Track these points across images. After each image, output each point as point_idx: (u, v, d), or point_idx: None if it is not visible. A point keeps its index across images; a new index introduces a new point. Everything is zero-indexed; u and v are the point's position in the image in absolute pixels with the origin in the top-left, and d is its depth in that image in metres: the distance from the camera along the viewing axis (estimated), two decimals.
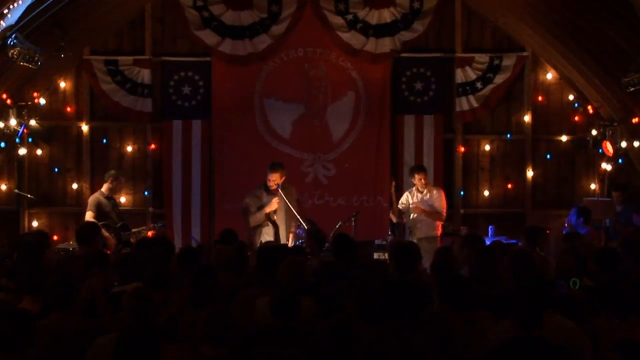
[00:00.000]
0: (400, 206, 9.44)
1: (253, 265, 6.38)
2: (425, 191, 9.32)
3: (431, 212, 9.22)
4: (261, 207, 8.45)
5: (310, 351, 4.20)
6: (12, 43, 8.22)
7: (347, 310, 4.77)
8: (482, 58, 10.75)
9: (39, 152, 10.89)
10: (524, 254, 5.76)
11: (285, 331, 4.46)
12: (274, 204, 8.38)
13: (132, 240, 9.13)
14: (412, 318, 4.53)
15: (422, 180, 9.29)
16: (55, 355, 4.47)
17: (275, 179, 8.40)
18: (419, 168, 9.57)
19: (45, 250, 7.09)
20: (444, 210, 9.34)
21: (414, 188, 9.44)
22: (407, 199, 9.43)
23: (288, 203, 8.41)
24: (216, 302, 4.53)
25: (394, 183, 9.75)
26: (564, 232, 8.34)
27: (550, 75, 10.91)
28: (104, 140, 10.99)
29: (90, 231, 7.32)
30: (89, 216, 9.16)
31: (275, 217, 8.46)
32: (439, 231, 9.31)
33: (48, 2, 8.50)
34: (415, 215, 9.25)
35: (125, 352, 3.77)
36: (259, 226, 8.50)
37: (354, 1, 10.66)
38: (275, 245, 7.18)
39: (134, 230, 9.42)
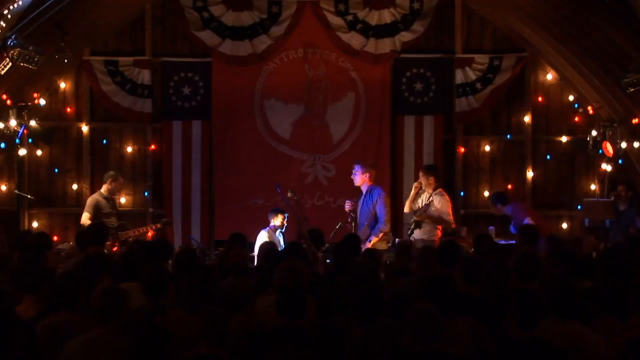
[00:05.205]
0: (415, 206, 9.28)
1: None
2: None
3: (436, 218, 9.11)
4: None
5: (311, 351, 4.19)
6: (12, 44, 8.23)
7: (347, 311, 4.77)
8: (482, 59, 10.73)
9: (39, 152, 10.90)
10: (529, 255, 5.72)
11: (292, 332, 4.44)
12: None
13: (130, 240, 9.12)
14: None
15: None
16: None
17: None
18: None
19: (47, 251, 7.09)
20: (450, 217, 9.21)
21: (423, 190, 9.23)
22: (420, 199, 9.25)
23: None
24: (214, 303, 4.52)
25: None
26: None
27: (550, 76, 10.89)
28: (104, 141, 10.98)
29: (101, 232, 7.34)
30: (85, 217, 9.17)
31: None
32: (438, 235, 9.14)
33: (48, 3, 8.51)
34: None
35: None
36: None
37: (354, 2, 10.65)
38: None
39: (132, 231, 9.41)
